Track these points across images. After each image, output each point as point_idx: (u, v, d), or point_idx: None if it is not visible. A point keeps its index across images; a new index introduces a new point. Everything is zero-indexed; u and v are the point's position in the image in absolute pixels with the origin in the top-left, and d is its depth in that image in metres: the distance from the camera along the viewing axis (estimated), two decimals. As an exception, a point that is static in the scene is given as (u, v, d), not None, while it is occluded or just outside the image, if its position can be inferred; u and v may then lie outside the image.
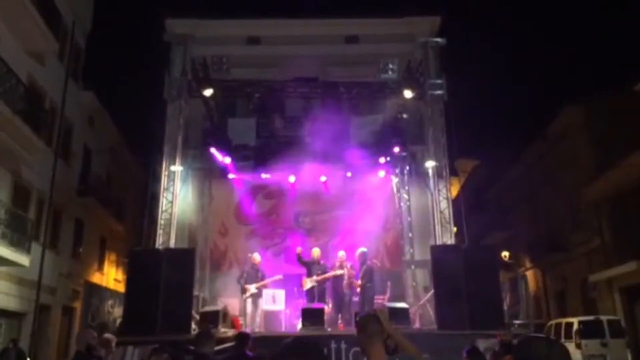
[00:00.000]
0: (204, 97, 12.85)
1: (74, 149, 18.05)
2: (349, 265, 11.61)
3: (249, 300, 11.26)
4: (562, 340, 14.20)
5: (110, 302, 21.37)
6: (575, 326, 14.68)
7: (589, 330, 14.42)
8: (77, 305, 18.56)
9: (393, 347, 3.19)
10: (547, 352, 1.94)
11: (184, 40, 12.73)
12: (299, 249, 11.97)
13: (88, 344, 5.39)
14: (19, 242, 13.12)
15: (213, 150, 13.53)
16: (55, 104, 16.38)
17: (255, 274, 11.48)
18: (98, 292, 20.43)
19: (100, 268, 21.03)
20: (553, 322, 16.62)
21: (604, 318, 15.04)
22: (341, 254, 11.91)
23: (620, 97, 17.87)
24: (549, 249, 21.05)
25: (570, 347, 14.10)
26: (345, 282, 11.43)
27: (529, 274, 24.41)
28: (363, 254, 11.72)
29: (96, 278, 20.46)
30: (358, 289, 11.42)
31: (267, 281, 11.54)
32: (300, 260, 11.77)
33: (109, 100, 20.54)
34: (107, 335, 6.68)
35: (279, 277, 11.77)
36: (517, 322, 17.62)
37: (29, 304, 14.66)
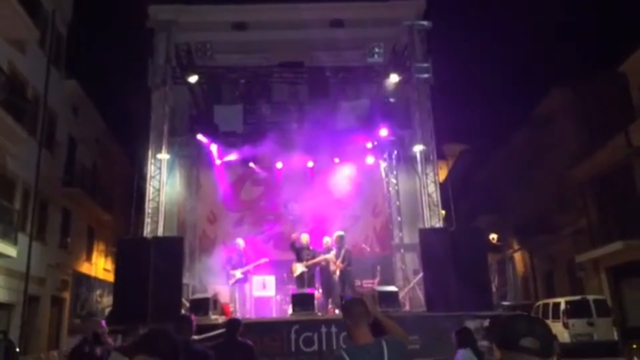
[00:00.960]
0: (189, 84, 12.73)
1: (59, 138, 17.83)
2: (334, 251, 11.61)
3: (236, 286, 11.29)
4: (550, 320, 14.45)
5: (98, 291, 21.31)
6: (563, 306, 14.93)
7: (576, 310, 14.68)
8: (66, 295, 18.49)
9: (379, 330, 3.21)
10: (527, 329, 1.91)
11: (167, 27, 12.57)
12: (294, 236, 11.94)
13: (94, 332, 5.37)
14: (6, 233, 13.03)
15: (200, 137, 13.43)
16: (37, 93, 16.14)
17: (240, 260, 11.51)
18: (87, 282, 20.35)
19: (88, 258, 20.92)
20: (541, 302, 16.88)
21: (590, 298, 15.31)
22: (326, 239, 11.92)
23: (605, 79, 17.99)
24: (536, 231, 21.31)
25: (558, 326, 14.36)
26: (332, 267, 11.46)
27: (517, 256, 24.71)
28: (340, 238, 11.65)
29: (85, 268, 20.36)
30: (338, 272, 11.37)
31: (251, 265, 11.57)
32: (293, 246, 11.77)
33: (92, 88, 20.24)
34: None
35: (264, 260, 11.82)
36: (505, 303, 17.87)
37: (18, 295, 14.58)
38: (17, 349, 13.18)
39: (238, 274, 11.29)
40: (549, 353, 1.93)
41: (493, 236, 22.79)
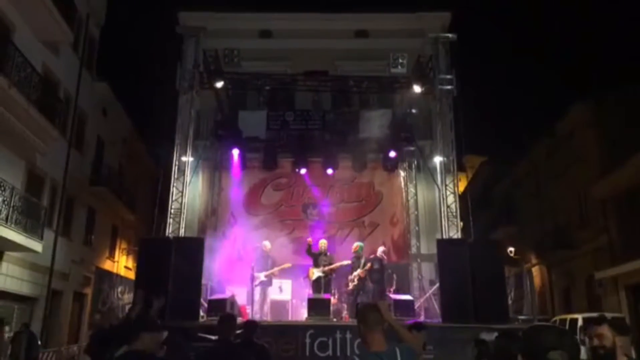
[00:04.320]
0: (215, 89, 13.03)
1: (88, 139, 18.31)
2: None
3: (258, 288, 11.46)
4: (566, 336, 14.31)
5: (120, 288, 21.71)
6: (580, 322, 14.74)
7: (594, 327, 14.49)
8: (88, 291, 18.89)
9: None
10: (557, 342, 1.84)
11: (196, 33, 12.87)
12: (309, 240, 12.13)
13: (111, 324, 5.41)
14: (33, 228, 13.39)
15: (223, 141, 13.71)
16: (69, 94, 16.63)
17: (265, 262, 11.69)
18: (109, 279, 20.77)
19: (111, 255, 21.36)
20: (558, 318, 16.67)
21: (608, 315, 15.06)
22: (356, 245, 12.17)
23: (630, 95, 17.81)
24: (555, 246, 21.07)
25: (574, 343, 14.20)
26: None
27: (535, 270, 24.45)
28: (360, 248, 11.93)
29: (107, 265, 20.79)
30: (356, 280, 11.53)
31: (276, 269, 11.72)
32: (309, 251, 11.94)
33: (122, 91, 20.76)
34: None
35: (287, 265, 11.97)
36: (521, 317, 17.71)
37: (41, 289, 14.96)
38: (39, 342, 13.57)
39: (262, 276, 11.47)
40: None
41: (511, 249, 22.59)
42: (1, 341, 11.11)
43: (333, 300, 11.36)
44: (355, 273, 11.49)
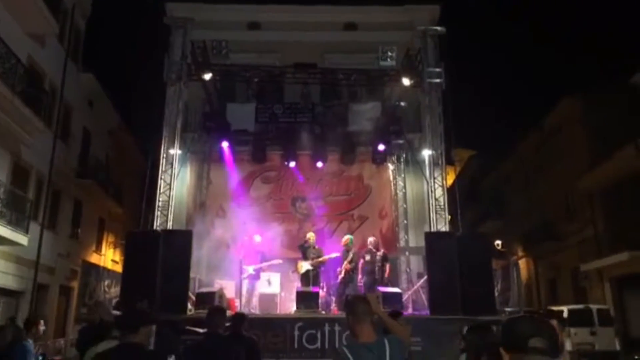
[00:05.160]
0: (203, 81, 12.91)
1: (74, 130, 18.10)
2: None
3: (246, 282, 11.42)
4: (552, 328, 14.50)
5: (106, 282, 21.58)
6: (565, 314, 14.95)
7: (579, 319, 14.69)
8: (75, 284, 18.75)
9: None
10: (534, 330, 1.86)
11: (184, 24, 12.74)
12: (309, 236, 12.16)
13: (101, 319, 5.22)
14: (18, 221, 13.25)
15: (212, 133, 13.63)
16: (54, 86, 16.41)
17: (254, 256, 11.64)
18: (95, 272, 20.62)
19: (98, 249, 21.21)
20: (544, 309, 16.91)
21: (593, 307, 15.32)
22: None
23: (616, 90, 18.01)
24: (542, 238, 21.32)
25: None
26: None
27: (521, 263, 24.72)
28: (349, 240, 11.96)
29: (94, 258, 20.64)
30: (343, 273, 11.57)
31: (265, 264, 11.68)
32: (302, 246, 11.95)
33: (108, 82, 20.57)
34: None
35: (278, 261, 11.88)
36: (507, 309, 17.89)
37: (27, 283, 14.83)
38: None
39: (250, 269, 11.43)
40: (557, 352, 1.92)
41: (498, 242, 22.82)
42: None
43: (322, 293, 11.37)
44: (343, 265, 11.52)
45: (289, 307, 11.49)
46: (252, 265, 11.50)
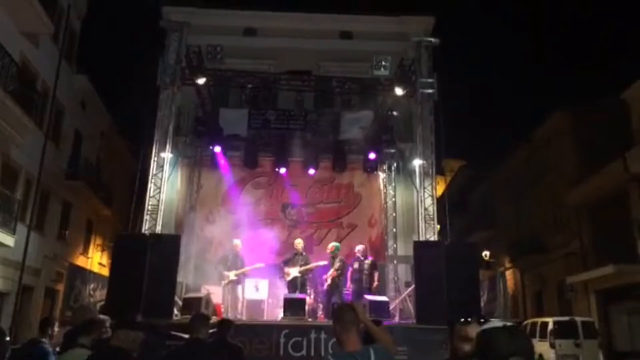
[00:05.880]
0: (197, 85, 12.92)
1: (65, 132, 18.01)
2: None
3: (227, 288, 11.31)
4: (537, 339, 14.58)
5: (92, 285, 21.34)
6: (550, 326, 15.03)
7: (564, 331, 14.78)
8: (60, 287, 18.56)
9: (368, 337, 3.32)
10: (513, 347, 1.79)
11: (179, 28, 12.74)
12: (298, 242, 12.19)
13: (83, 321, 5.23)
14: (5, 222, 13.13)
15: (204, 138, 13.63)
16: (47, 86, 16.33)
17: (235, 261, 11.52)
18: (81, 275, 20.38)
19: (85, 251, 21.03)
20: (529, 321, 16.99)
21: (578, 319, 15.42)
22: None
23: (606, 105, 18.22)
24: (529, 250, 21.48)
25: (545, 346, 14.49)
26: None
27: (508, 274, 24.85)
28: (335, 248, 12.03)
29: (80, 261, 20.46)
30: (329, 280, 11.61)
31: (247, 269, 11.57)
32: (287, 258, 11.95)
33: (102, 84, 20.50)
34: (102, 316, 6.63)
35: (260, 265, 11.78)
36: (493, 319, 18.01)
37: (12, 284, 14.67)
38: (7, 338, 13.28)
39: (232, 275, 11.35)
40: None
41: (486, 253, 22.98)
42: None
43: (309, 300, 11.38)
44: (328, 273, 11.55)
45: (276, 313, 11.47)
46: (233, 270, 11.40)
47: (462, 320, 2.30)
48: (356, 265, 11.77)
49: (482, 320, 2.35)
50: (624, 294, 16.55)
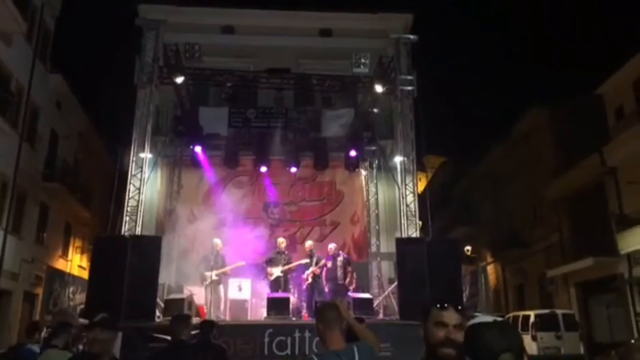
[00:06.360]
0: (175, 84, 12.77)
1: (41, 132, 17.64)
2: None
3: (209, 288, 11.20)
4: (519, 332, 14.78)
5: (72, 288, 21.06)
6: (532, 319, 15.25)
7: (545, 323, 15.02)
8: (39, 291, 18.24)
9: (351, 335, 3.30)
10: (504, 343, 1.73)
11: (156, 26, 12.55)
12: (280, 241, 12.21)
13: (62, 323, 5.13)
14: (-20, 226, 12.85)
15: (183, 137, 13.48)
16: (21, 86, 15.96)
17: (216, 261, 11.41)
18: (61, 279, 20.10)
19: (64, 254, 20.68)
20: (511, 314, 17.21)
21: (559, 312, 15.68)
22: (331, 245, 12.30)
23: (583, 100, 18.54)
24: (509, 244, 21.76)
25: (527, 339, 14.68)
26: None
27: (490, 268, 25.16)
28: (313, 246, 12.23)
29: (60, 264, 20.13)
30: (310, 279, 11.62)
31: (227, 268, 11.47)
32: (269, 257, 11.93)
33: (77, 84, 20.12)
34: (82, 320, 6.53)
35: (241, 263, 11.71)
36: (476, 314, 18.22)
37: (-11, 289, 14.38)
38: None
39: (213, 275, 11.24)
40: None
41: (468, 248, 23.19)
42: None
43: (293, 299, 11.35)
44: (308, 271, 11.53)
45: (260, 313, 11.41)
46: (213, 270, 11.29)
47: (439, 305, 2.24)
48: (329, 264, 11.78)
49: (475, 315, 2.30)
50: (603, 286, 16.87)
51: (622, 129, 16.12)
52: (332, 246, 12.21)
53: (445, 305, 2.21)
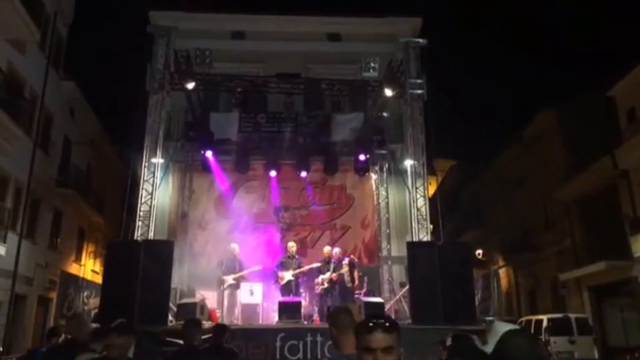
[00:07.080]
0: (186, 90, 12.88)
1: (54, 139, 17.89)
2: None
3: (226, 292, 11.33)
4: (532, 336, 14.67)
5: (86, 293, 21.24)
6: (545, 323, 15.13)
7: (558, 328, 14.88)
8: (53, 295, 18.43)
9: None
10: (529, 350, 1.74)
11: (167, 33, 12.68)
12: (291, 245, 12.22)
13: (69, 338, 4.98)
14: (-5, 231, 13.04)
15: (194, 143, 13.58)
16: (35, 93, 16.22)
17: (233, 265, 11.55)
18: (74, 283, 20.30)
19: (77, 259, 20.90)
20: (524, 318, 17.09)
21: (572, 316, 15.53)
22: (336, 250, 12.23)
23: (594, 103, 18.41)
24: (521, 248, 21.61)
25: (539, 343, 14.58)
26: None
27: (502, 272, 24.99)
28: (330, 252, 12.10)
29: (73, 269, 20.33)
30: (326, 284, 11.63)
31: (245, 272, 11.60)
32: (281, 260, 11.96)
33: (90, 91, 20.37)
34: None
35: (258, 267, 11.84)
36: (487, 318, 18.07)
37: (4, 294, 14.54)
38: (1, 348, 13.17)
39: (230, 279, 11.35)
40: None
41: (479, 251, 23.10)
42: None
43: (304, 303, 11.36)
44: (324, 276, 11.52)
45: (272, 317, 11.44)
46: (231, 275, 11.40)
47: (364, 327, 1.90)
48: (338, 269, 11.76)
49: (488, 320, 2.29)
50: (616, 289, 16.70)
51: (635, 131, 15.99)
52: (337, 250, 12.20)
53: (371, 324, 1.98)
